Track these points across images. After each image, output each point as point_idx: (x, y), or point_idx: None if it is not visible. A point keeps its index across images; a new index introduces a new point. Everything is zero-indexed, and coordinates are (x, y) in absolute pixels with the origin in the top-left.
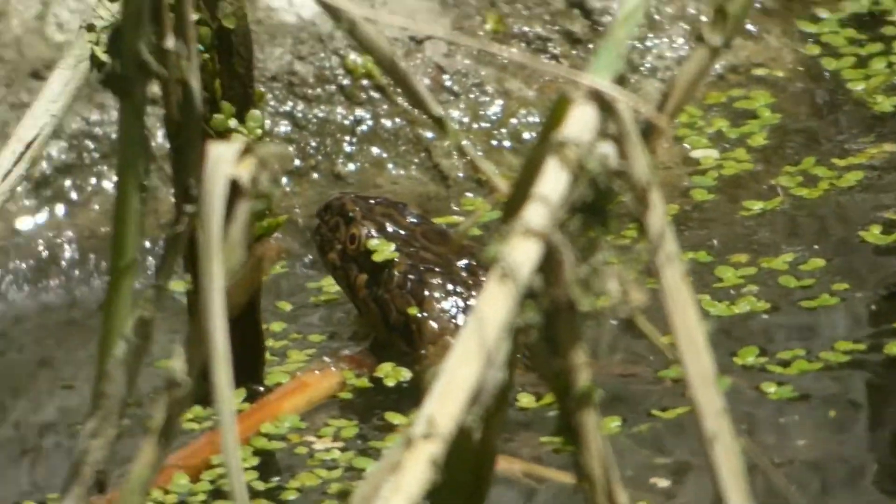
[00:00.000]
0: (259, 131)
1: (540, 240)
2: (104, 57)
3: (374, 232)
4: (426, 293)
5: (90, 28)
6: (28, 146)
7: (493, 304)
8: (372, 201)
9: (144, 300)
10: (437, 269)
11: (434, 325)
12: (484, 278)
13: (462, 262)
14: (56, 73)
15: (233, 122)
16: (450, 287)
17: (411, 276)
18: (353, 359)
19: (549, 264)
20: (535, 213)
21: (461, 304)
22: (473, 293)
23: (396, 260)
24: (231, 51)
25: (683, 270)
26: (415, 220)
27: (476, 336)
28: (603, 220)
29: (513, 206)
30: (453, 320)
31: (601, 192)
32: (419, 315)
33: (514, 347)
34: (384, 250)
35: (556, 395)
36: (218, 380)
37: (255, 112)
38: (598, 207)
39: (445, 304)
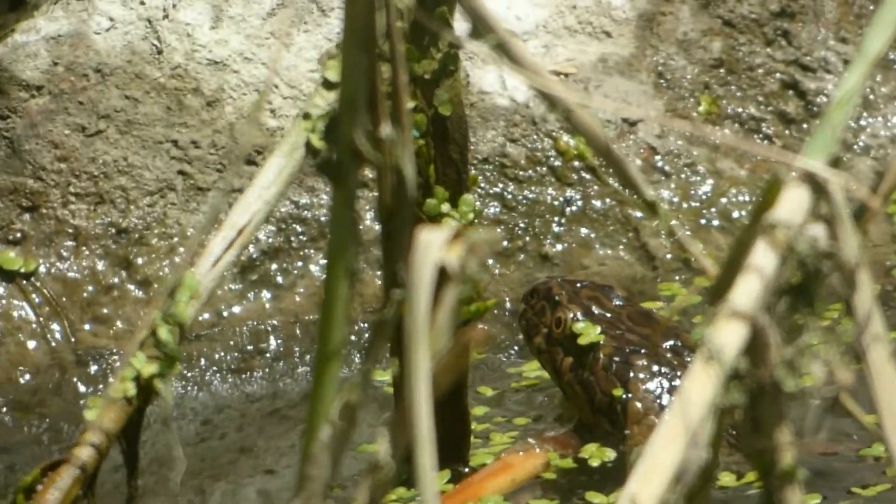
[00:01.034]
0: (471, 215)
1: (746, 322)
2: (319, 144)
3: (580, 315)
4: (631, 374)
5: (306, 116)
6: (240, 232)
7: (698, 386)
8: (578, 285)
9: (351, 385)
10: (642, 351)
11: (639, 405)
12: (689, 359)
13: (667, 343)
14: (271, 160)
15: (445, 207)
16: (655, 368)
17: (617, 358)
18: (558, 440)
19: (754, 346)
20: (743, 296)
21: (666, 384)
22: (678, 374)
23: (602, 342)
24: (446, 137)
25: (890, 351)
26: (620, 303)
27: (681, 417)
28: (810, 302)
29: (720, 287)
30: (658, 401)
31: (809, 273)
32: (624, 396)
33: (719, 428)
34: (590, 333)
35: (760, 474)
36: (421, 461)
37: (468, 197)
38: (805, 289)
39: (650, 385)
